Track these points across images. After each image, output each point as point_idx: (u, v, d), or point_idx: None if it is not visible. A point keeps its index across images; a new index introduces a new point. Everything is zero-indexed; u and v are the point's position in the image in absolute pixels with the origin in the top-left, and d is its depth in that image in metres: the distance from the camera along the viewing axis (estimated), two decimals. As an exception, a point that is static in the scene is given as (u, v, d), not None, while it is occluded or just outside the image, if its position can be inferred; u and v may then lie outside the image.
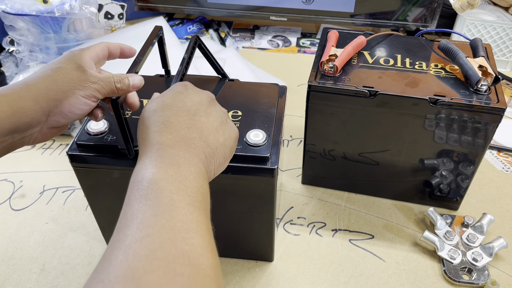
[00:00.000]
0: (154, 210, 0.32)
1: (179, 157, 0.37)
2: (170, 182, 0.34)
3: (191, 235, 0.31)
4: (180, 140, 0.39)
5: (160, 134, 0.39)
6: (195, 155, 0.39)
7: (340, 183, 0.78)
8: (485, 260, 0.65)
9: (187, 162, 0.37)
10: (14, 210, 0.75)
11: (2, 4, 0.93)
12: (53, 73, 0.44)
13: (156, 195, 0.33)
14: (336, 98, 0.65)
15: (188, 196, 0.34)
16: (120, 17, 1.10)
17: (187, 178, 0.36)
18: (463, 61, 0.64)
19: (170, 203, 0.33)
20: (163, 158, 0.37)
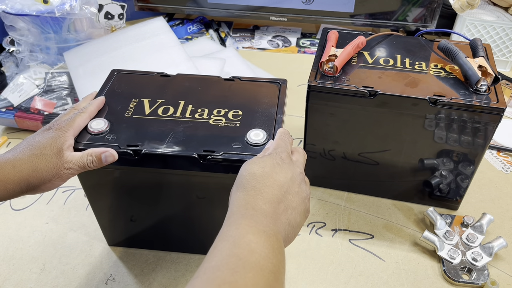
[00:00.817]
0: (244, 264, 0.35)
1: (269, 228, 0.40)
2: (260, 246, 0.37)
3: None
4: (272, 213, 0.42)
5: (255, 200, 0.42)
6: (280, 229, 0.42)
7: (340, 183, 0.78)
8: (485, 260, 0.65)
9: (275, 235, 0.40)
10: (14, 210, 0.75)
11: (2, 4, 0.93)
12: (36, 159, 0.49)
13: (248, 255, 0.36)
14: (336, 98, 0.65)
15: (273, 265, 0.37)
16: (120, 17, 1.10)
17: (274, 249, 0.38)
18: (463, 61, 0.64)
19: (257, 265, 0.36)
20: (257, 224, 0.40)
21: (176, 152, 0.53)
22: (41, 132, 0.52)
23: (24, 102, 0.90)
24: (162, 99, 0.61)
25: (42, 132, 0.52)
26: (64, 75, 0.94)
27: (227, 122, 0.57)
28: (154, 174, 0.56)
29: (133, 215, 0.63)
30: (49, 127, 0.53)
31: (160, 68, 0.74)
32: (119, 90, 0.62)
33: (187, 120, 0.57)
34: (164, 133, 0.55)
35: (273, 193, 0.43)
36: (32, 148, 0.50)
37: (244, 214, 0.41)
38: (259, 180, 0.44)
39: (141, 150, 0.53)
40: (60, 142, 0.51)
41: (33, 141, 0.51)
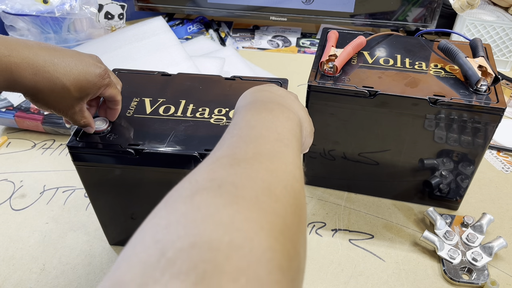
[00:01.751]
0: (244, 139, 0.34)
1: (271, 105, 0.40)
2: (261, 121, 0.37)
3: (275, 161, 0.32)
4: (273, 99, 0.42)
5: (255, 96, 0.43)
6: (287, 109, 0.41)
7: (340, 183, 0.78)
8: (485, 260, 0.65)
9: (280, 110, 0.39)
10: (14, 210, 0.75)
11: (2, 4, 0.93)
12: (68, 82, 0.49)
13: (248, 131, 0.35)
14: (336, 98, 0.65)
15: (277, 133, 0.35)
16: (120, 17, 1.10)
17: (278, 119, 0.38)
18: (463, 61, 0.64)
19: (259, 136, 0.34)
20: (256, 105, 0.40)
21: (177, 151, 0.53)
22: (91, 63, 0.51)
23: (24, 102, 0.90)
24: (163, 98, 0.61)
25: (92, 64, 0.51)
26: (64, 75, 0.94)
27: (228, 121, 0.57)
28: (155, 173, 0.56)
29: (133, 213, 0.63)
30: (102, 68, 0.51)
31: (160, 67, 0.74)
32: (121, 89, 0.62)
33: (188, 119, 0.57)
34: (165, 132, 0.55)
35: (270, 95, 0.44)
36: (80, 62, 0.49)
37: (245, 104, 0.41)
38: (255, 90, 0.45)
39: (142, 149, 0.53)
40: (93, 88, 0.51)
41: (77, 62, 0.49)
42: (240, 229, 0.24)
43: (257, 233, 0.24)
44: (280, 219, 0.26)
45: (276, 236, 0.25)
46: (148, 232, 0.24)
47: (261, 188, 0.28)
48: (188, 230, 0.23)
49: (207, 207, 0.25)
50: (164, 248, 0.22)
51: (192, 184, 0.28)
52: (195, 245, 0.22)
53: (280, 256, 0.24)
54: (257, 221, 0.25)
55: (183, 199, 0.26)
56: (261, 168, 0.30)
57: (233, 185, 0.27)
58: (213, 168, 0.30)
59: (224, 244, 0.22)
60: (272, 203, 0.27)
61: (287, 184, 0.30)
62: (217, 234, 0.23)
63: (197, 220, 0.24)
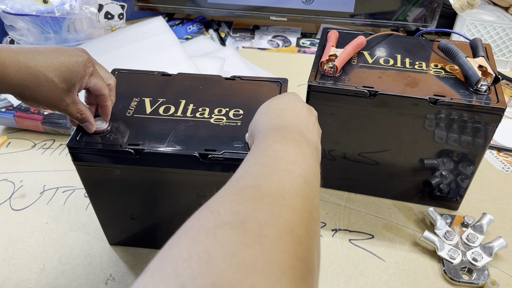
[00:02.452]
0: (269, 169, 0.34)
1: (299, 136, 0.39)
2: (287, 154, 0.36)
3: (298, 199, 0.31)
4: (298, 128, 0.42)
5: (281, 118, 0.43)
6: (309, 141, 0.41)
7: (340, 183, 0.78)
8: (485, 260, 0.65)
9: (305, 144, 0.39)
10: (14, 210, 0.75)
11: (2, 4, 0.93)
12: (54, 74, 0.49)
13: (273, 161, 0.35)
14: (336, 98, 0.65)
15: (302, 170, 0.35)
16: (120, 17, 1.10)
17: (304, 154, 0.37)
18: (463, 61, 0.64)
19: (284, 169, 0.34)
20: (284, 134, 0.40)
21: (177, 151, 0.53)
22: (72, 53, 0.51)
23: (24, 101, 0.90)
24: (163, 98, 0.61)
25: (74, 54, 0.51)
26: (64, 75, 0.94)
27: (228, 121, 0.57)
28: (155, 173, 0.56)
29: (133, 213, 0.63)
30: (84, 57, 0.52)
31: (160, 67, 0.74)
32: (120, 90, 0.62)
33: (188, 119, 0.57)
34: (165, 132, 0.55)
35: (295, 113, 0.44)
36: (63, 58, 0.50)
37: (271, 127, 0.41)
38: (279, 105, 0.45)
39: (142, 149, 0.53)
40: (79, 78, 0.51)
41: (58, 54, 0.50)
42: (263, 273, 0.23)
43: (279, 279, 0.23)
44: (301, 263, 0.26)
45: (297, 283, 0.24)
46: (168, 263, 0.23)
47: (284, 228, 0.27)
48: (210, 267, 0.22)
49: (230, 245, 0.24)
50: (184, 284, 0.21)
51: (214, 215, 0.27)
52: (216, 285, 0.21)
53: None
54: (280, 265, 0.24)
55: (205, 231, 0.25)
56: (285, 205, 0.29)
57: (256, 222, 0.26)
58: (237, 200, 0.29)
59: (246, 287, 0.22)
60: (294, 245, 0.26)
61: (308, 225, 0.30)
62: (240, 276, 0.22)
63: (219, 257, 0.23)
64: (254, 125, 0.45)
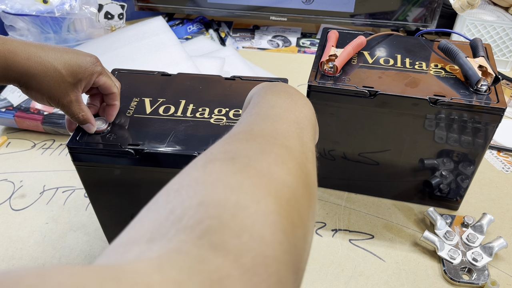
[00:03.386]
0: (262, 117, 0.35)
1: (292, 90, 0.40)
2: (280, 103, 0.37)
3: (291, 140, 0.32)
4: (291, 89, 0.42)
5: (273, 84, 0.43)
6: (304, 97, 0.42)
7: (340, 183, 0.78)
8: (485, 260, 0.65)
9: (298, 96, 0.40)
10: (14, 210, 0.75)
11: (2, 4, 0.93)
12: (61, 67, 0.50)
13: (267, 110, 0.35)
14: (336, 98, 0.65)
15: (295, 116, 0.36)
16: (120, 17, 1.10)
17: (297, 104, 0.38)
18: (463, 61, 0.64)
19: (277, 116, 0.35)
20: (277, 88, 0.40)
21: (177, 151, 0.52)
22: (82, 53, 0.52)
23: (23, 102, 0.90)
24: (163, 98, 0.61)
25: (83, 54, 0.52)
26: (64, 75, 0.94)
27: (228, 121, 0.57)
28: (155, 173, 0.56)
29: (133, 213, 0.63)
30: (93, 56, 0.53)
31: (160, 67, 0.74)
32: (120, 89, 0.62)
33: (188, 119, 0.57)
34: (165, 132, 0.55)
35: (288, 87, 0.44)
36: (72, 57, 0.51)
37: (263, 86, 0.41)
38: (271, 84, 0.46)
39: (142, 149, 0.53)
40: (88, 75, 0.51)
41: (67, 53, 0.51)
42: (248, 192, 0.24)
43: (264, 197, 0.24)
44: (289, 190, 0.27)
45: (282, 204, 0.25)
46: (161, 196, 0.26)
47: (274, 160, 0.28)
48: (197, 191, 0.24)
49: (217, 173, 0.26)
50: (173, 207, 0.23)
51: (207, 155, 0.29)
52: (202, 203, 0.23)
53: (284, 221, 0.24)
54: (265, 187, 0.25)
55: (196, 167, 0.27)
56: (276, 143, 0.31)
57: (246, 157, 0.28)
58: (229, 142, 0.30)
59: (231, 203, 0.23)
60: (283, 174, 0.27)
61: (300, 162, 0.30)
62: (225, 194, 0.24)
63: (207, 183, 0.25)
64: (247, 99, 0.45)
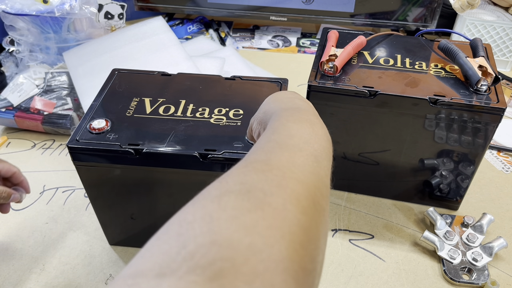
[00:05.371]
0: (280, 145, 0.34)
1: (313, 118, 0.40)
2: (301, 133, 0.36)
3: (307, 173, 0.32)
4: (312, 111, 0.42)
5: (294, 102, 0.43)
6: (323, 125, 0.41)
7: (340, 183, 0.78)
8: (485, 260, 0.65)
9: (319, 125, 0.39)
10: (14, 210, 0.75)
11: (2, 4, 0.93)
12: None
13: (285, 139, 0.35)
14: (336, 98, 0.65)
15: (314, 149, 0.35)
16: (120, 17, 1.10)
17: (317, 135, 0.37)
18: (463, 61, 0.64)
19: (295, 146, 0.34)
20: (299, 114, 0.40)
21: (177, 151, 0.53)
22: None
23: (24, 102, 0.90)
24: (163, 98, 0.61)
25: None
26: (64, 75, 0.94)
27: (228, 121, 0.57)
28: (155, 173, 0.56)
29: (133, 213, 0.63)
30: None
31: (160, 67, 0.74)
32: (120, 89, 0.62)
33: (188, 119, 0.57)
34: (165, 132, 0.55)
35: (305, 100, 0.45)
36: None
37: (285, 108, 0.41)
38: (287, 94, 0.45)
39: (142, 149, 0.53)
40: None
41: None
42: (262, 234, 0.24)
43: (278, 240, 0.24)
44: (303, 232, 0.26)
45: (296, 248, 0.25)
46: (173, 226, 0.25)
47: (289, 198, 0.28)
48: (211, 227, 0.23)
49: (232, 209, 0.25)
50: (185, 242, 0.22)
51: (222, 184, 0.28)
52: (215, 242, 0.22)
53: (297, 267, 0.24)
54: (280, 229, 0.25)
55: (211, 198, 0.27)
56: (293, 178, 0.30)
57: (262, 191, 0.27)
58: (245, 172, 0.30)
59: (244, 246, 0.22)
60: (298, 214, 0.27)
61: (315, 199, 0.30)
62: (239, 235, 0.23)
63: (221, 219, 0.24)
64: (264, 112, 0.45)
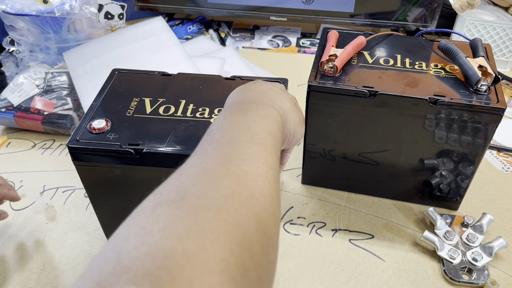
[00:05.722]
0: (214, 145, 0.34)
1: (247, 104, 0.40)
2: (233, 124, 0.36)
3: (245, 164, 0.32)
4: (250, 99, 0.42)
5: (234, 98, 0.43)
6: (265, 105, 0.41)
7: (340, 183, 0.78)
8: (485, 260, 0.65)
9: (255, 108, 0.39)
10: (14, 210, 0.75)
11: (2, 4, 0.93)
12: None
13: (219, 136, 0.35)
14: (336, 98, 0.65)
15: (250, 134, 0.35)
16: (120, 17, 1.10)
17: (252, 119, 0.37)
18: (463, 61, 0.64)
19: (230, 140, 0.34)
20: (231, 108, 0.40)
21: (177, 151, 0.53)
22: None
23: (24, 102, 0.90)
24: (163, 98, 0.61)
25: None
26: (64, 75, 0.94)
27: (227, 121, 0.57)
28: (155, 173, 0.56)
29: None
30: None
31: (160, 67, 0.74)
32: (120, 89, 0.62)
33: (188, 119, 0.57)
34: (165, 132, 0.55)
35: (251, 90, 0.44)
36: None
37: (222, 111, 0.41)
38: (240, 90, 0.46)
39: (142, 149, 0.53)
40: None
41: None
42: (195, 240, 0.24)
43: (212, 243, 0.24)
44: (239, 229, 0.26)
45: (232, 248, 0.25)
46: (109, 245, 0.25)
47: (223, 197, 0.28)
48: (145, 240, 0.24)
49: (165, 220, 0.25)
50: (121, 257, 0.23)
51: (156, 196, 0.28)
52: (149, 253, 0.23)
53: (233, 268, 0.24)
54: (213, 232, 0.25)
55: (145, 212, 0.27)
56: (227, 174, 0.30)
57: (195, 196, 0.27)
58: (179, 179, 0.30)
59: (178, 253, 0.23)
60: (233, 212, 0.27)
61: (255, 189, 0.30)
62: (172, 243, 0.23)
63: (154, 231, 0.25)
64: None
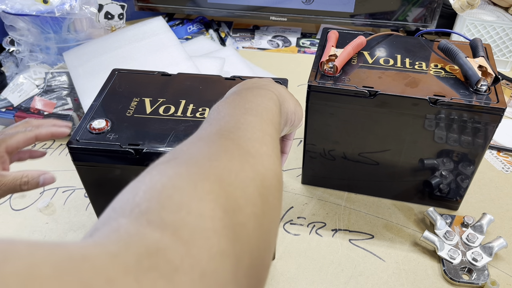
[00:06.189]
0: (210, 121, 0.36)
1: (242, 90, 0.41)
2: (229, 103, 0.38)
3: (241, 130, 0.33)
4: (245, 87, 0.43)
5: (231, 90, 0.44)
6: (260, 88, 0.42)
7: (340, 183, 0.78)
8: (485, 260, 0.65)
9: (249, 91, 0.40)
10: (14, 210, 0.75)
11: (2, 4, 0.93)
12: None
13: (215, 115, 0.36)
14: (336, 98, 0.65)
15: (245, 109, 0.36)
16: (120, 17, 1.10)
17: (247, 99, 0.38)
18: (463, 61, 0.64)
19: (225, 115, 0.35)
20: (227, 95, 0.41)
21: (176, 152, 0.52)
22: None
23: (24, 102, 0.90)
24: (163, 98, 0.61)
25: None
26: (64, 75, 0.94)
27: (227, 121, 0.57)
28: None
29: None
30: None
31: (160, 67, 0.74)
32: (120, 89, 0.62)
33: (188, 119, 0.57)
34: (165, 132, 0.55)
35: (248, 83, 0.45)
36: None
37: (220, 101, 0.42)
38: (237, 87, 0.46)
39: (142, 149, 0.53)
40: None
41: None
42: (184, 179, 0.26)
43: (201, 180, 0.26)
44: (231, 173, 0.28)
45: (222, 185, 0.27)
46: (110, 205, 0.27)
47: (216, 151, 0.30)
48: (136, 187, 0.26)
49: (157, 170, 0.28)
50: (114, 206, 0.25)
51: (153, 163, 0.30)
52: (138, 193, 0.25)
53: (223, 200, 0.26)
54: (203, 174, 0.27)
55: (141, 175, 0.29)
56: (221, 138, 0.32)
57: (188, 155, 0.29)
58: (175, 148, 0.32)
59: (167, 188, 0.25)
60: (225, 161, 0.29)
61: (251, 149, 0.31)
62: (161, 182, 0.26)
63: (146, 179, 0.27)
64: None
